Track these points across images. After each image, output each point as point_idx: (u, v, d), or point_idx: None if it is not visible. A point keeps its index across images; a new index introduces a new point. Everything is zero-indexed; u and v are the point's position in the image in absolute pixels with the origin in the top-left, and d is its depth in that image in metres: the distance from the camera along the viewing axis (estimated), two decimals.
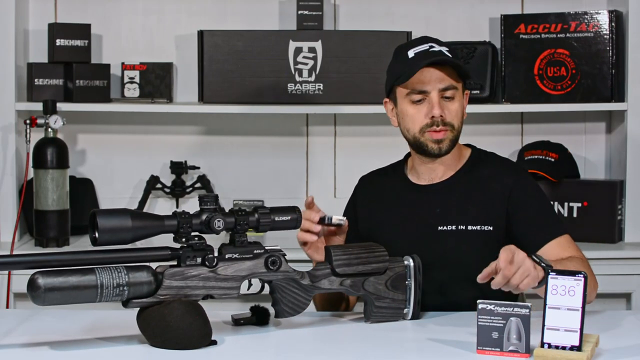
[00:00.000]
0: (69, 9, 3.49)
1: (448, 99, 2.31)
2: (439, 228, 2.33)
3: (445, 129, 2.31)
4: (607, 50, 3.33)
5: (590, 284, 2.12)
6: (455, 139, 2.33)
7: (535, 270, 2.02)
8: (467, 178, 2.37)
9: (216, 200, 2.02)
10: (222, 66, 3.33)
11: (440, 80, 2.29)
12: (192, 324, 1.93)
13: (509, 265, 1.99)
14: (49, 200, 3.20)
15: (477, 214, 2.32)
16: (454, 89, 2.31)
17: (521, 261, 2.00)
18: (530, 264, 2.01)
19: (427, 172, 2.39)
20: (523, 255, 2.01)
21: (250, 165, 3.58)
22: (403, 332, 2.10)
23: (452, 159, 2.38)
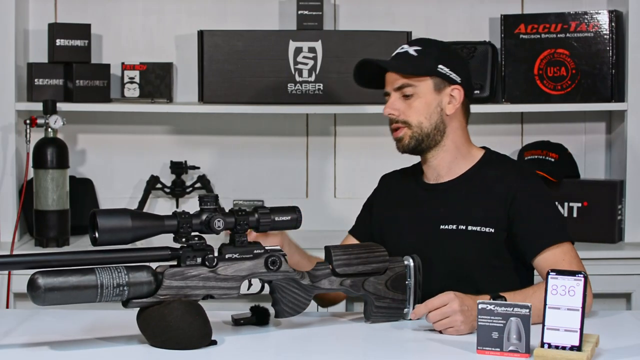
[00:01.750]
0: (69, 9, 3.49)
1: (407, 97, 2.33)
2: (441, 227, 2.34)
3: (399, 126, 2.33)
4: (607, 50, 3.33)
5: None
6: (420, 136, 2.33)
7: (466, 325, 2.05)
8: (474, 179, 2.37)
9: (216, 200, 2.02)
10: (222, 66, 3.33)
11: (394, 80, 2.34)
12: (192, 324, 1.93)
13: (435, 312, 2.06)
14: (49, 200, 3.20)
15: (479, 215, 2.32)
16: (410, 87, 2.32)
17: (450, 312, 2.05)
18: (459, 319, 2.04)
19: (429, 171, 2.40)
20: (456, 307, 2.04)
21: (250, 165, 3.58)
22: (403, 332, 2.10)
23: (450, 157, 2.37)
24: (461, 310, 2.04)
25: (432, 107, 2.33)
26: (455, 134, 2.38)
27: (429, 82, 2.33)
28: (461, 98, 2.36)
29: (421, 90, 2.32)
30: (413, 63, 2.32)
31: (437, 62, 2.33)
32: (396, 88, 2.33)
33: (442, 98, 2.34)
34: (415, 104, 2.32)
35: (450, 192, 2.37)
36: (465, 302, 2.06)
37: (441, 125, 2.34)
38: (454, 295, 2.06)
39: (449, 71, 2.34)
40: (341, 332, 2.11)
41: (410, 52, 2.34)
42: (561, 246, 2.26)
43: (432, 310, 2.06)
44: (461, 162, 2.39)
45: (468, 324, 2.05)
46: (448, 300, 2.06)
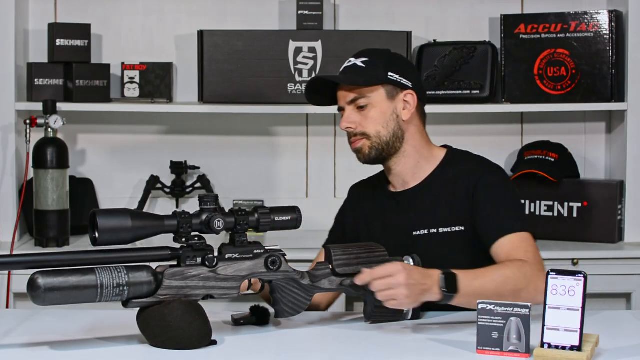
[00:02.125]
0: (69, 9, 3.49)
1: (362, 109, 2.33)
2: (413, 233, 2.34)
3: (357, 138, 2.34)
4: (607, 50, 3.33)
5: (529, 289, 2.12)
6: (379, 145, 2.33)
7: (410, 299, 2.03)
8: (438, 180, 2.37)
9: (216, 200, 2.02)
10: (222, 66, 3.34)
11: (346, 94, 2.34)
12: (192, 324, 1.93)
13: (380, 281, 2.04)
14: (49, 200, 3.20)
15: (447, 216, 2.32)
16: (363, 98, 2.32)
17: (395, 284, 2.02)
18: (404, 292, 2.02)
19: (394, 179, 2.40)
20: (401, 280, 2.02)
21: (250, 165, 3.58)
22: (403, 332, 2.10)
23: (413, 161, 2.37)
24: (407, 284, 2.02)
25: (387, 115, 2.33)
26: (415, 139, 2.37)
27: (381, 90, 2.33)
28: (415, 102, 2.36)
29: (374, 100, 2.33)
30: (363, 74, 2.32)
31: (386, 70, 2.33)
32: (349, 101, 2.33)
33: (397, 105, 2.34)
34: (370, 114, 2.32)
35: (417, 197, 2.37)
36: (412, 276, 2.04)
37: (399, 132, 2.34)
38: (402, 267, 2.04)
39: (399, 77, 2.34)
40: (341, 332, 2.11)
41: (358, 64, 2.34)
42: (519, 235, 2.25)
43: (377, 279, 2.04)
44: (425, 165, 2.39)
45: (412, 298, 2.04)
46: (395, 272, 2.04)
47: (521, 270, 2.15)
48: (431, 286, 2.06)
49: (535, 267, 2.18)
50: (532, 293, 2.13)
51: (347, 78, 2.34)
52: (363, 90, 2.32)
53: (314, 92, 2.40)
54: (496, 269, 2.15)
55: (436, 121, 3.57)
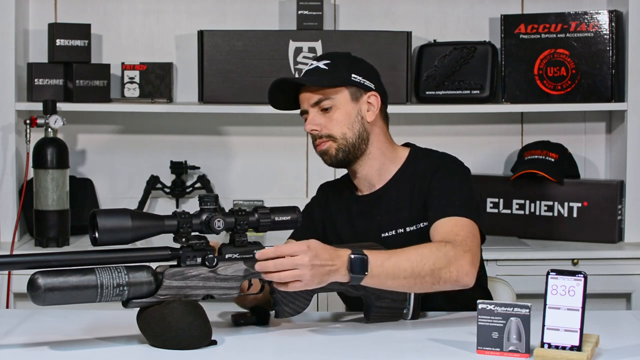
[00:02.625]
0: (69, 9, 3.49)
1: (326, 111, 2.31)
2: (382, 235, 2.33)
3: (323, 140, 2.32)
4: (607, 50, 3.33)
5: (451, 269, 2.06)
6: (346, 147, 2.31)
7: (314, 280, 1.98)
8: (401, 180, 2.36)
9: (216, 200, 2.02)
10: (222, 66, 3.34)
11: (310, 96, 2.32)
12: (192, 324, 1.93)
13: (284, 260, 1.98)
14: (49, 200, 3.20)
15: (411, 214, 2.31)
16: (327, 100, 2.30)
17: (299, 264, 1.97)
18: (307, 273, 1.96)
19: (360, 182, 2.39)
20: (306, 260, 1.97)
21: (250, 165, 3.58)
22: (403, 332, 2.10)
23: (378, 163, 2.36)
24: (311, 265, 1.97)
25: (352, 116, 2.31)
26: (379, 140, 2.36)
27: (345, 92, 2.31)
28: (379, 104, 2.35)
29: (339, 102, 2.31)
30: (326, 76, 2.31)
31: (349, 72, 2.32)
32: (313, 104, 2.31)
33: (361, 106, 2.33)
34: (335, 116, 2.31)
35: (382, 199, 2.36)
36: (319, 256, 1.99)
37: (364, 134, 2.33)
38: (307, 247, 1.98)
39: (362, 79, 2.33)
40: (341, 332, 2.11)
41: (321, 66, 2.32)
42: (457, 219, 2.20)
43: (280, 257, 1.99)
44: (389, 166, 2.37)
45: (317, 279, 1.99)
46: (299, 251, 1.98)
47: (441, 250, 2.09)
48: (339, 267, 2.01)
49: (460, 247, 2.11)
50: (455, 273, 2.08)
51: (311, 79, 2.31)
52: (327, 91, 2.30)
53: (280, 93, 2.36)
54: (414, 249, 2.09)
55: (436, 121, 3.58)
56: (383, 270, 2.04)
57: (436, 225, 2.21)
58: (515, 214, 3.39)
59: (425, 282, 2.06)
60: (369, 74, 2.36)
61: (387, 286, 2.06)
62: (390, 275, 2.04)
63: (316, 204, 2.50)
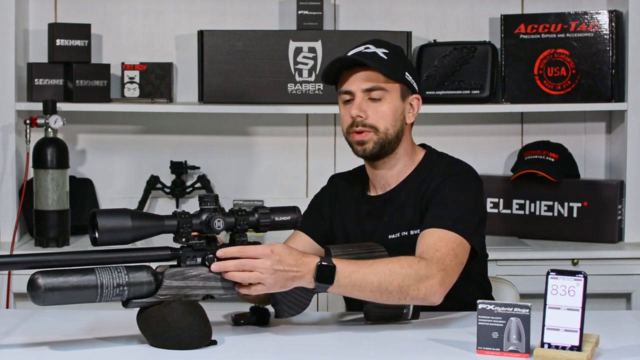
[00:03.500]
0: (69, 9, 3.49)
1: (374, 101, 2.27)
2: (389, 237, 2.32)
3: (365, 129, 2.27)
4: (607, 50, 3.33)
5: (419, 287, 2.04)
6: (384, 142, 2.28)
7: (276, 285, 1.97)
8: (412, 182, 2.34)
9: (216, 200, 2.02)
10: (222, 66, 3.34)
11: (364, 81, 2.27)
12: (192, 324, 1.93)
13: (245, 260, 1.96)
14: (49, 200, 3.20)
15: (417, 218, 2.29)
16: (381, 90, 2.26)
17: (260, 267, 1.96)
18: (268, 277, 1.95)
19: (377, 180, 2.37)
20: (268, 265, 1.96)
21: (250, 165, 3.58)
22: (403, 332, 2.10)
23: (401, 165, 2.35)
24: (273, 269, 1.97)
25: (397, 114, 2.29)
26: (407, 142, 2.35)
27: (397, 88, 2.29)
28: (419, 108, 2.33)
29: (390, 96, 2.28)
30: (388, 66, 2.26)
31: (404, 69, 2.30)
32: (365, 89, 2.27)
33: (405, 106, 2.31)
34: (383, 109, 2.27)
35: (392, 201, 2.34)
36: (283, 261, 1.98)
37: (400, 134, 2.31)
38: (271, 252, 1.97)
39: (411, 79, 2.31)
40: (341, 332, 2.11)
41: (379, 54, 2.28)
42: (444, 232, 2.16)
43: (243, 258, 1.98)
44: (408, 167, 2.36)
45: (279, 284, 1.99)
46: (263, 255, 1.97)
47: (412, 267, 2.05)
48: (304, 273, 2.00)
49: (434, 265, 2.08)
50: (422, 291, 2.05)
51: (376, 65, 2.25)
52: (382, 81, 2.26)
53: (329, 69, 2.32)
54: (385, 263, 2.07)
55: (436, 121, 3.57)
56: (350, 281, 2.03)
57: (423, 234, 2.18)
58: (515, 214, 3.39)
59: (392, 296, 2.05)
60: (416, 75, 2.35)
61: (354, 296, 2.06)
62: (357, 287, 2.04)
63: (326, 195, 2.47)
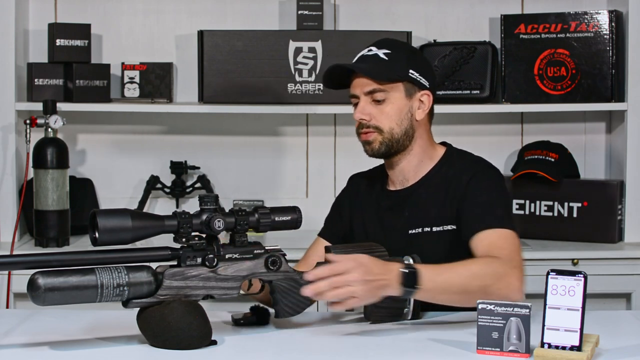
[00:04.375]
0: (69, 9, 3.49)
1: (378, 102, 2.30)
2: (409, 232, 2.33)
3: (370, 131, 2.30)
4: (607, 50, 3.33)
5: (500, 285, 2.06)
6: (390, 142, 2.30)
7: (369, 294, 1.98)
8: (434, 179, 2.35)
9: (216, 200, 2.02)
10: (222, 66, 3.34)
11: (365, 84, 2.30)
12: (192, 324, 1.93)
13: (335, 278, 1.98)
14: (49, 200, 3.20)
15: (440, 215, 2.30)
16: (382, 92, 2.28)
17: (351, 281, 1.97)
18: (360, 289, 1.97)
19: (395, 175, 2.39)
20: (358, 276, 1.97)
21: (250, 165, 3.58)
22: (403, 332, 2.09)
23: (417, 160, 2.36)
24: (364, 280, 1.98)
25: (403, 112, 2.31)
26: (422, 138, 2.36)
27: (400, 87, 2.30)
28: (430, 103, 2.34)
29: (393, 96, 2.30)
30: (385, 68, 2.29)
31: (408, 67, 2.31)
32: (367, 92, 2.30)
33: (413, 103, 2.32)
34: (386, 110, 2.29)
35: (412, 196, 2.35)
36: (371, 271, 2.00)
37: (410, 131, 2.32)
38: (356, 263, 1.99)
39: (418, 76, 2.32)
40: (341, 332, 2.11)
41: (380, 55, 2.31)
42: (498, 231, 2.21)
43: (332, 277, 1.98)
44: (426, 163, 2.37)
45: (371, 293, 2.00)
46: (350, 268, 1.98)
47: (490, 267, 2.09)
48: (391, 281, 2.01)
49: (508, 264, 2.11)
50: (504, 290, 2.07)
51: (370, 70, 2.29)
52: (383, 84, 2.29)
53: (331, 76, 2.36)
54: (464, 265, 2.10)
55: (436, 121, 3.54)
56: (434, 285, 2.04)
57: (479, 238, 2.21)
58: (515, 214, 3.38)
59: (475, 297, 2.01)
60: (426, 70, 2.34)
61: (437, 300, 2.07)
62: (441, 290, 2.05)
63: (346, 195, 2.50)
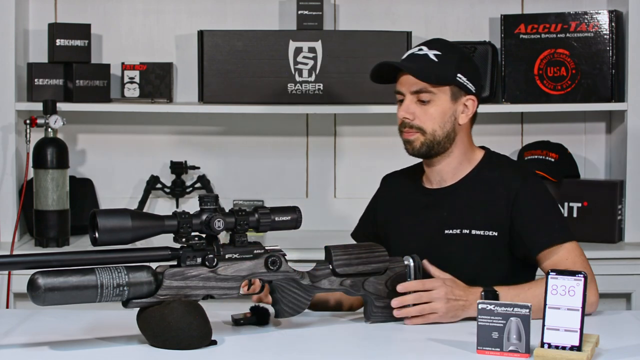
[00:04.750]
0: (69, 9, 3.49)
1: (423, 103, 2.30)
2: (445, 231, 2.33)
3: (412, 131, 2.31)
4: (607, 50, 3.33)
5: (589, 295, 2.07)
6: (432, 143, 2.31)
7: (449, 313, 2.11)
8: (475, 182, 2.36)
9: (216, 200, 2.02)
10: (222, 66, 3.33)
11: (412, 83, 2.30)
12: (192, 324, 1.93)
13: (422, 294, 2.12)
14: (49, 200, 3.20)
15: (482, 219, 2.31)
16: (428, 93, 2.29)
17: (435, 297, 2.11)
18: (442, 306, 2.10)
19: (432, 175, 2.39)
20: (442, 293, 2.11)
21: (250, 165, 3.58)
22: (403, 332, 2.10)
23: (456, 163, 2.36)
24: (446, 299, 2.11)
25: (447, 116, 2.31)
26: (463, 142, 2.37)
27: (447, 90, 2.31)
28: (474, 109, 2.35)
29: (438, 98, 2.30)
30: (435, 70, 2.29)
31: (456, 71, 2.31)
32: (413, 92, 2.31)
33: (457, 107, 2.33)
34: (431, 111, 2.30)
35: (452, 196, 2.36)
36: (453, 291, 2.12)
37: (452, 134, 2.33)
38: (442, 282, 2.12)
39: (466, 80, 2.32)
40: (341, 332, 2.11)
41: (430, 56, 2.31)
42: (564, 245, 2.26)
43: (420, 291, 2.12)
44: (465, 166, 2.38)
45: (451, 313, 2.12)
46: (437, 286, 2.12)
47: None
48: (472, 302, 2.11)
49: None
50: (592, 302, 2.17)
51: (419, 70, 2.29)
52: (430, 85, 2.29)
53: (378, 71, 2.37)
54: (540, 286, 2.11)
55: None
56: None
57: (548, 255, 2.26)
58: None
59: None
60: (474, 75, 2.35)
61: None
62: None
63: (380, 196, 2.52)
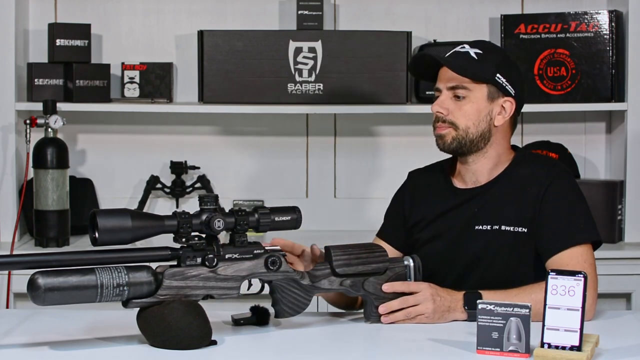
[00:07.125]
0: (69, 9, 3.49)
1: (458, 99, 2.31)
2: (475, 227, 2.33)
3: (444, 125, 2.31)
4: (607, 50, 3.33)
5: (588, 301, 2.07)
6: (463, 140, 2.30)
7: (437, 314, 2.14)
8: (507, 179, 2.35)
9: (216, 200, 2.02)
10: (222, 66, 3.34)
11: (449, 79, 2.31)
12: (192, 324, 1.93)
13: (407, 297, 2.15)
14: (49, 200, 3.20)
15: (512, 215, 2.30)
16: (464, 89, 2.29)
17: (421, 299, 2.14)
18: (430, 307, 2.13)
19: (467, 175, 2.38)
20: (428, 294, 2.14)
21: (250, 165, 3.58)
22: (403, 332, 2.09)
23: (492, 164, 2.36)
24: (434, 299, 2.13)
25: (482, 114, 2.31)
26: (499, 144, 2.35)
27: (484, 88, 2.31)
28: (512, 111, 2.34)
29: (474, 95, 2.30)
30: (473, 66, 2.29)
31: (496, 71, 2.31)
32: (450, 87, 2.31)
33: (493, 107, 2.32)
34: (465, 108, 2.30)
35: (485, 194, 2.35)
36: (438, 293, 2.15)
37: (487, 134, 2.32)
38: (428, 285, 2.15)
39: (505, 82, 2.32)
40: (341, 332, 2.11)
41: (471, 53, 2.31)
42: (576, 249, 2.24)
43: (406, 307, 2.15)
44: (499, 167, 2.37)
45: (439, 313, 2.14)
46: (422, 288, 2.15)
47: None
48: (457, 304, 2.14)
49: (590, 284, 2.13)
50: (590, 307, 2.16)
51: (456, 65, 2.30)
52: (467, 81, 2.29)
53: (422, 62, 2.39)
54: (528, 292, 2.15)
55: None
56: None
57: (559, 258, 2.24)
58: None
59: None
60: (514, 78, 2.34)
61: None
62: None
63: (407, 190, 2.50)
